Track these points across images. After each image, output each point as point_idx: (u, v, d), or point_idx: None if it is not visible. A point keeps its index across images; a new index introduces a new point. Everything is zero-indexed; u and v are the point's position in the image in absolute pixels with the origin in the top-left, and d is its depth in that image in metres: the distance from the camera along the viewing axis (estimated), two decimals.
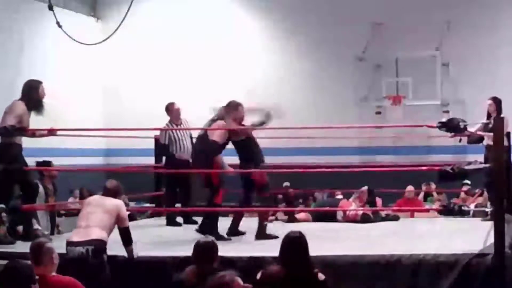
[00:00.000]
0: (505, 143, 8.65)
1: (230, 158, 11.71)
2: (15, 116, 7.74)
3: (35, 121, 8.07)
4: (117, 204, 6.65)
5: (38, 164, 10.06)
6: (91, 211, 6.57)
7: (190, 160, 9.72)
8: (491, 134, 7.42)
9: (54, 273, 5.11)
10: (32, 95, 7.92)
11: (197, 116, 10.37)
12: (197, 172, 8.48)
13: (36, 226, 8.29)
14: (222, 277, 4.69)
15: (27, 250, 5.36)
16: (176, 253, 6.73)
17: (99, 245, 6.32)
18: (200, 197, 10.11)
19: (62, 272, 5.23)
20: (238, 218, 8.50)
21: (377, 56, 14.24)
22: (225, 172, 8.32)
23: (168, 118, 10.07)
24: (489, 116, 9.61)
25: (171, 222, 9.78)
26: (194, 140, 9.81)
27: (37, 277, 4.56)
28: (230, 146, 11.74)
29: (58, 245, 5.69)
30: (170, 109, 10.04)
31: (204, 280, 5.16)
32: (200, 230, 7.96)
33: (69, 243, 6.38)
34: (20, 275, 4.38)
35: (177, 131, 9.86)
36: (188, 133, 9.98)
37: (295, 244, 5.24)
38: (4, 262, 6.09)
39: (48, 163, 10.36)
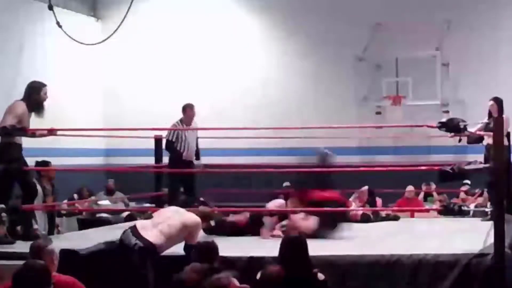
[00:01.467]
0: (505, 143, 8.65)
1: (230, 159, 11.78)
2: (15, 116, 7.73)
3: (35, 121, 8.08)
4: (195, 222, 6.49)
5: (37, 164, 10.06)
6: (170, 216, 6.47)
7: (194, 161, 9.85)
8: (491, 133, 7.42)
9: (54, 273, 5.13)
10: (33, 97, 7.92)
11: (197, 115, 10.40)
12: None
13: (35, 226, 8.30)
14: (219, 280, 4.70)
15: (27, 250, 5.37)
16: (177, 253, 6.73)
17: (150, 249, 6.20)
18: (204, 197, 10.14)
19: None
20: None
21: (377, 56, 14.22)
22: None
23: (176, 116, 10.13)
24: (490, 116, 9.61)
25: None
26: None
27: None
28: (231, 146, 11.80)
29: (57, 245, 5.69)
30: (187, 111, 10.07)
31: (204, 280, 5.16)
32: None
33: (132, 229, 6.32)
34: (37, 275, 4.39)
35: (184, 131, 9.91)
36: (195, 135, 10.02)
37: (295, 244, 5.25)
38: (3, 262, 6.12)
39: (46, 163, 10.35)
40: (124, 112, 15.22)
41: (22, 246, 7.19)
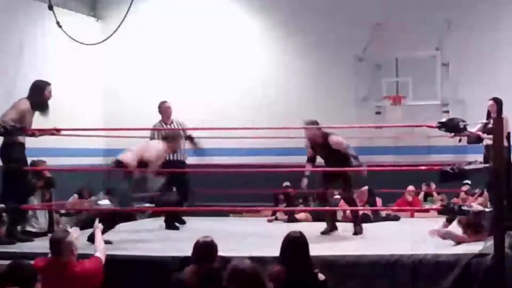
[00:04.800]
0: (505, 143, 8.65)
1: (230, 159, 11.78)
2: (17, 112, 7.78)
3: (35, 121, 8.09)
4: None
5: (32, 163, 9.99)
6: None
7: (186, 161, 9.81)
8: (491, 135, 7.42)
9: (75, 262, 5.35)
10: (37, 95, 7.95)
11: (197, 115, 10.41)
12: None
13: (37, 224, 8.35)
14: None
15: (27, 250, 5.42)
16: (176, 253, 6.74)
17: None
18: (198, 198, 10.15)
19: None
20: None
21: (377, 56, 14.22)
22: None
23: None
24: (489, 116, 9.61)
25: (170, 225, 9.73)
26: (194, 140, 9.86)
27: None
28: (231, 146, 11.79)
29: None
30: (161, 107, 10.05)
31: (204, 279, 5.17)
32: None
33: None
34: (23, 274, 4.52)
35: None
36: (183, 134, 9.95)
37: (295, 244, 5.25)
38: (3, 262, 6.14)
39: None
40: (124, 112, 15.21)
41: (22, 246, 7.21)
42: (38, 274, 4.90)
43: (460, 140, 10.39)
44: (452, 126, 7.11)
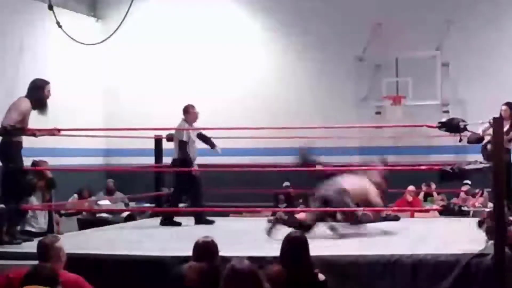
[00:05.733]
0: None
1: (230, 159, 11.76)
2: (19, 113, 7.76)
3: (34, 121, 8.08)
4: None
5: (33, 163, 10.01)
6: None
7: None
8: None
9: (61, 271, 5.17)
10: (36, 94, 7.94)
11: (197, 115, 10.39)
12: None
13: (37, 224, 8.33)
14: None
15: (27, 250, 5.39)
16: (176, 253, 6.73)
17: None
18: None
19: None
20: None
21: (377, 56, 14.23)
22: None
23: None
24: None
25: (169, 222, 9.74)
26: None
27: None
28: (231, 146, 11.78)
29: None
30: (189, 111, 10.03)
31: (204, 279, 5.16)
32: None
33: None
34: (48, 275, 4.45)
35: (192, 134, 9.89)
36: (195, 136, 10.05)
37: (296, 244, 5.25)
38: (4, 262, 6.14)
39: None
40: (124, 112, 15.22)
41: (23, 246, 7.21)
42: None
43: (460, 140, 10.38)
44: (452, 126, 7.12)
